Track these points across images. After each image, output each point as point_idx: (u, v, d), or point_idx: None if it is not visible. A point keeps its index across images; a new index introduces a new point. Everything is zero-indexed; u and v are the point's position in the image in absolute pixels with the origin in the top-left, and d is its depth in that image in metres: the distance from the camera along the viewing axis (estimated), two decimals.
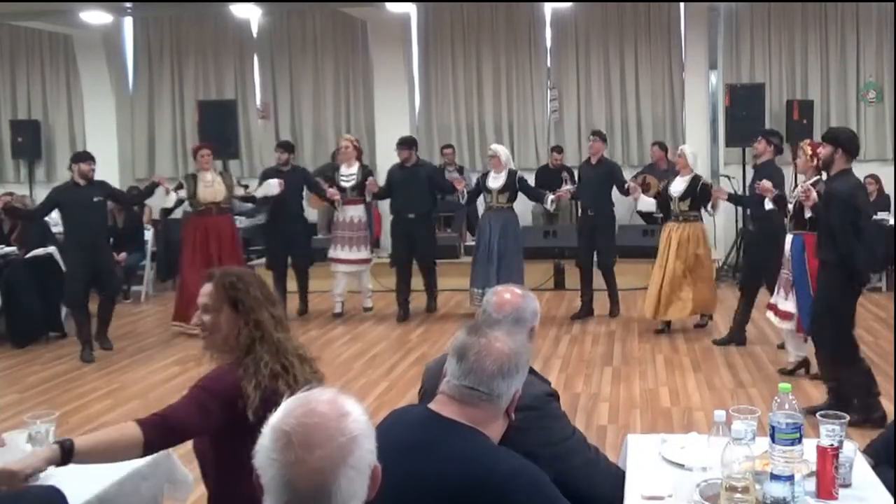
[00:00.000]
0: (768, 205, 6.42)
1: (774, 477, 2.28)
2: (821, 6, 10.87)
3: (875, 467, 2.69)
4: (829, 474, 2.38)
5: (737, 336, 7.21)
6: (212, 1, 10.43)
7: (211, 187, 8.24)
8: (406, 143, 8.82)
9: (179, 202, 8.54)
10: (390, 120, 11.10)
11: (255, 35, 12.01)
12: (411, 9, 11.15)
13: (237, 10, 10.56)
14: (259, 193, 8.61)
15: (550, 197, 8.29)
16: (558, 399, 2.63)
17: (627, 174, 9.34)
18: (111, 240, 8.78)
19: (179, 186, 8.35)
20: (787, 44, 10.99)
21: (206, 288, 2.70)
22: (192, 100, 11.84)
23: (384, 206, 9.57)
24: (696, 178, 7.51)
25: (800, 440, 2.37)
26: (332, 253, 8.82)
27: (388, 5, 10.42)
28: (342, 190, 8.70)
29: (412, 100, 11.68)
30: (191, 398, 2.55)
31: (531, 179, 10.12)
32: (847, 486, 2.48)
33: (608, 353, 7.10)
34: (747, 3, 10.92)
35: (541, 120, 11.52)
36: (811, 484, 2.40)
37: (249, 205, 9.44)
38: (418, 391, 2.84)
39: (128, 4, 10.67)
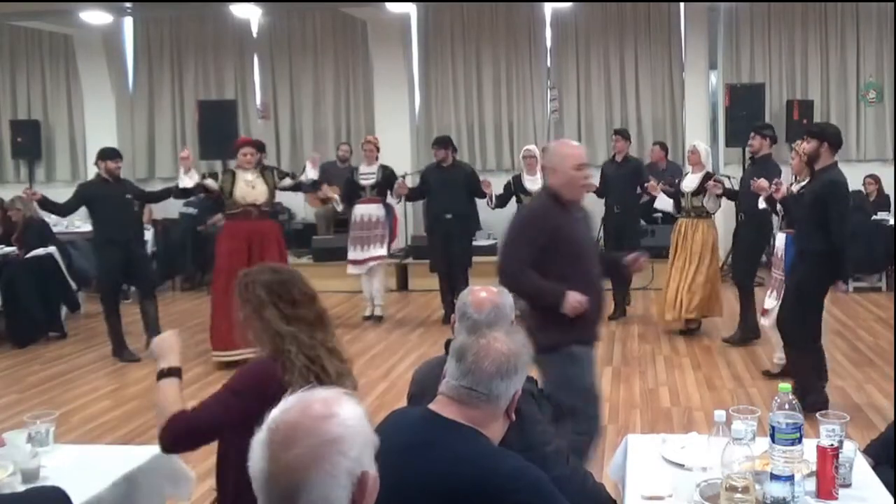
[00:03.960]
0: (761, 203, 6.35)
1: (774, 477, 2.28)
2: (821, 6, 10.86)
3: (875, 467, 2.69)
4: (829, 474, 2.38)
5: (746, 334, 7.07)
6: (212, 1, 10.43)
7: (253, 188, 7.17)
8: (442, 143, 8.53)
9: (200, 187, 7.45)
10: (390, 120, 11.10)
11: (255, 35, 11.99)
12: (411, 9, 11.14)
13: (237, 10, 10.55)
14: (303, 178, 7.77)
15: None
16: (546, 398, 2.61)
17: None
18: None
19: (213, 175, 7.44)
20: (787, 44, 10.98)
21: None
22: (192, 100, 11.84)
23: (399, 207, 9.48)
24: (707, 175, 7.54)
25: (800, 440, 2.37)
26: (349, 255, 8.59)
27: (388, 5, 10.41)
28: (361, 188, 8.52)
29: (412, 100, 11.67)
30: (217, 400, 2.56)
31: None
32: (847, 486, 2.48)
33: (608, 353, 7.09)
34: (747, 3, 10.92)
35: (541, 120, 11.51)
36: (811, 484, 2.41)
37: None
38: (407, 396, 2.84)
39: (128, 4, 10.67)
